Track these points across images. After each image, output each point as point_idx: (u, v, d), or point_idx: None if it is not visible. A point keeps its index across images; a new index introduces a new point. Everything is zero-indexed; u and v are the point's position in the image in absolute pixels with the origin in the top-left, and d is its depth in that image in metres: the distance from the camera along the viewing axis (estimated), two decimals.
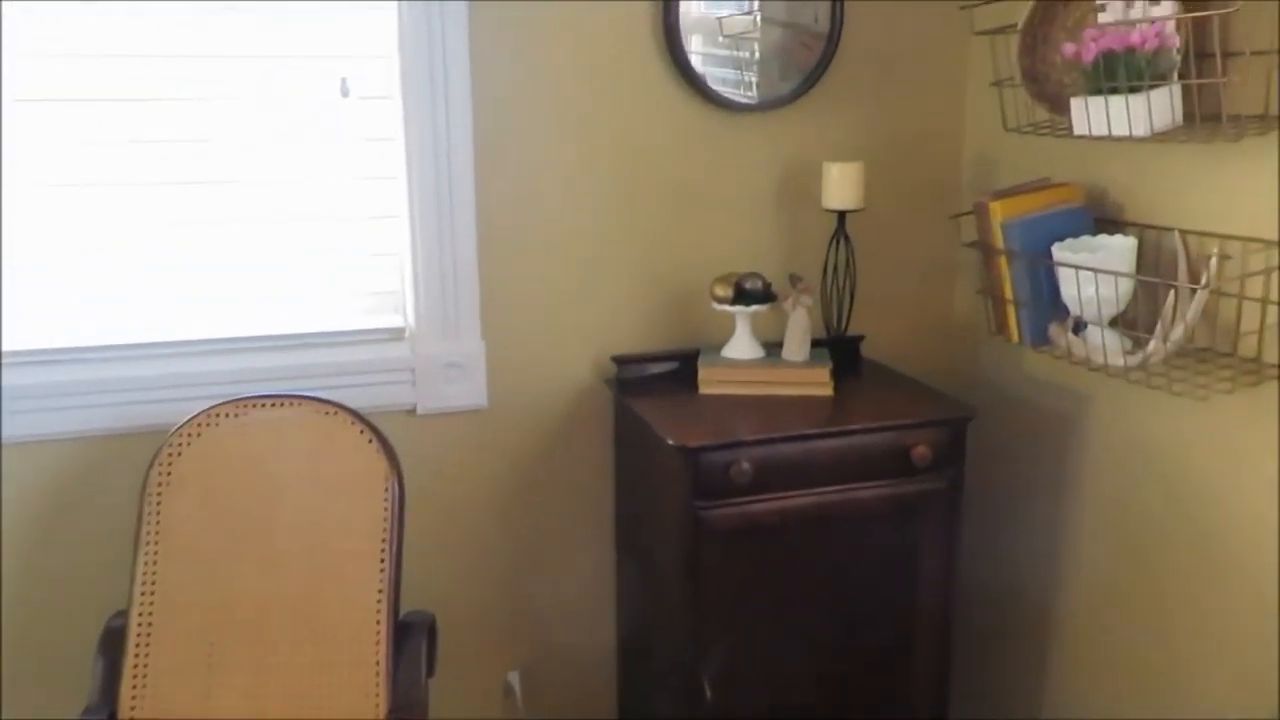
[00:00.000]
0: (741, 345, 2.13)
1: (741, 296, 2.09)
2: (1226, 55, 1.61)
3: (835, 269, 2.19)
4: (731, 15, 2.13)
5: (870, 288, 2.26)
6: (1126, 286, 1.79)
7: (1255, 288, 1.66)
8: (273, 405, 1.90)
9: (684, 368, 2.20)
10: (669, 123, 2.17)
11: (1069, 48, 1.73)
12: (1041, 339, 1.94)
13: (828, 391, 2.06)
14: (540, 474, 2.26)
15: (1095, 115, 1.71)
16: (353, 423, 1.88)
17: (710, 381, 2.09)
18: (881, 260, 2.30)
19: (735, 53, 2.15)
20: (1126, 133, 1.67)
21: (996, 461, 2.25)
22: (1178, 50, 1.66)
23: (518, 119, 2.10)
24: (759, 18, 2.15)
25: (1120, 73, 1.67)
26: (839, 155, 2.21)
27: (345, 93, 2.05)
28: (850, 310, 2.22)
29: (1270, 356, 1.65)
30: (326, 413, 1.89)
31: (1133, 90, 1.66)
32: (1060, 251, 1.82)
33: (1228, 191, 1.73)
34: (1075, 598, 2.13)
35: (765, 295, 2.10)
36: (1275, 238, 1.64)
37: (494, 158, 2.09)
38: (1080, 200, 1.98)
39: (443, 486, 2.19)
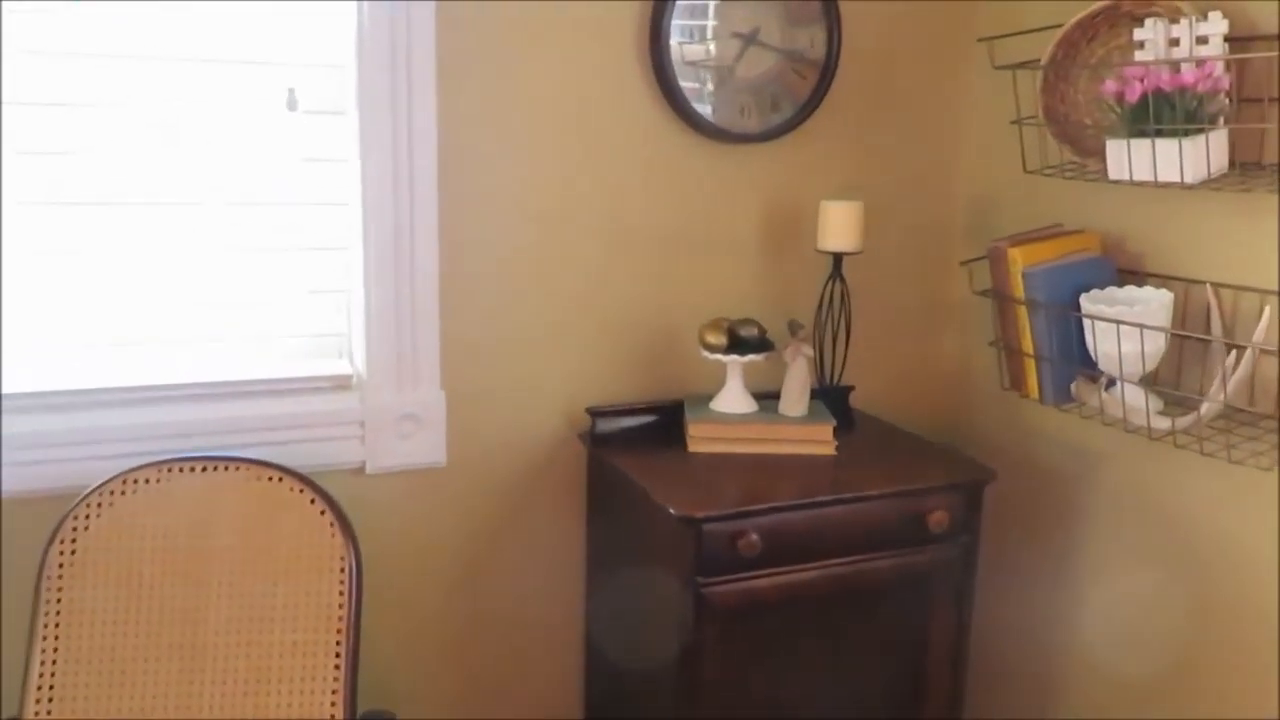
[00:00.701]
0: (734, 398, 1.93)
1: (736, 345, 1.90)
2: (1271, 100, 1.51)
3: (830, 315, 2.02)
4: (721, 39, 1.95)
5: (862, 335, 2.10)
6: (1159, 343, 1.66)
7: None
8: (202, 468, 1.61)
9: (664, 421, 1.99)
10: (655, 151, 1.97)
11: (1110, 85, 1.61)
12: (1064, 396, 1.80)
13: (830, 450, 1.88)
14: (505, 540, 2.01)
15: (1139, 159, 1.58)
16: (300, 489, 1.61)
17: (701, 438, 1.88)
18: (874, 306, 2.15)
19: (727, 79, 1.97)
20: (1177, 179, 1.54)
21: (1002, 525, 2.10)
22: (1226, 94, 1.55)
23: (488, 141, 1.87)
24: (752, 42, 1.96)
25: (1169, 114, 1.54)
26: (832, 192, 2.05)
27: (292, 106, 1.79)
28: (845, 359, 2.05)
29: None
30: (268, 477, 1.61)
31: (1181, 133, 1.53)
32: (1093, 304, 1.68)
33: (1264, 244, 1.63)
34: (1082, 668, 1.99)
35: (761, 343, 1.91)
36: None
37: (461, 183, 1.85)
38: (1097, 249, 1.86)
39: (395, 556, 1.92)
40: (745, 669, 1.72)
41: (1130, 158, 1.59)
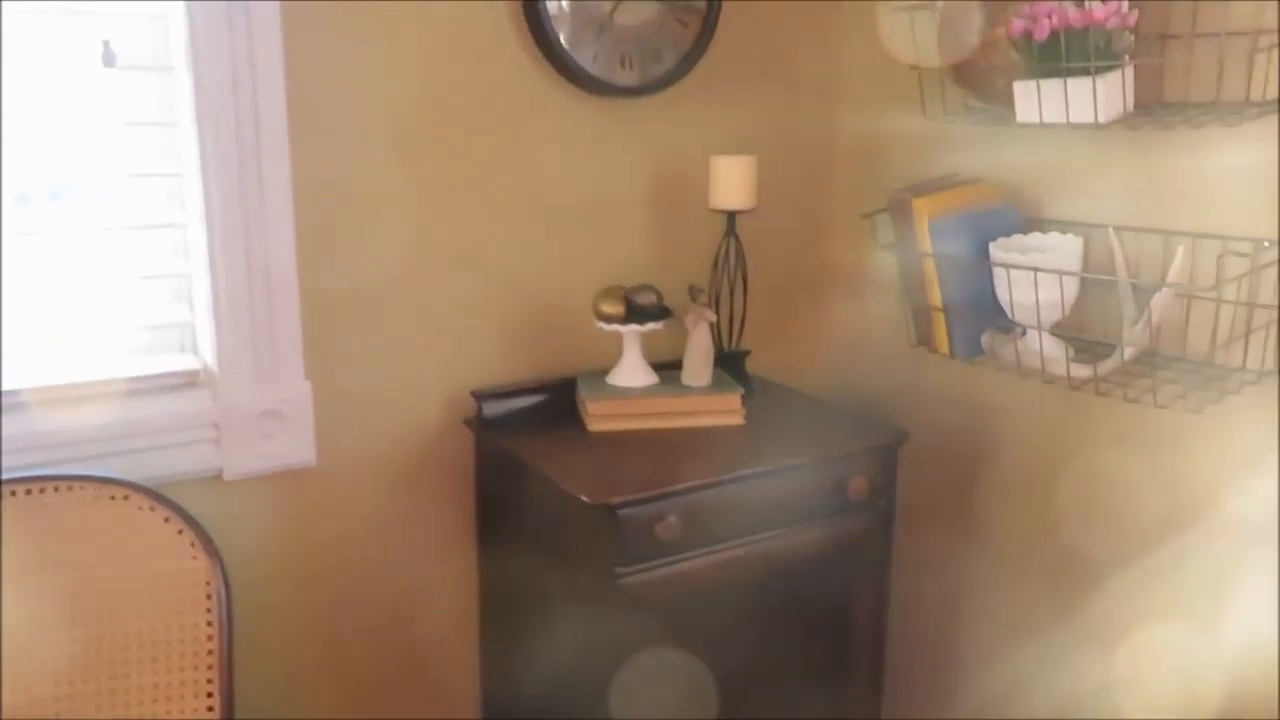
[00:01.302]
0: (633, 370, 1.79)
1: (633, 313, 1.76)
2: (1195, 37, 1.47)
3: (726, 276, 1.90)
4: None
5: (757, 296, 1.99)
6: (1072, 290, 1.62)
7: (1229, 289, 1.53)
8: (26, 490, 1.35)
9: (557, 400, 1.84)
10: (534, 108, 1.80)
11: (1018, 24, 1.54)
12: (975, 349, 1.75)
13: (739, 420, 1.77)
14: (389, 540, 1.82)
15: (1049, 100, 1.52)
16: (150, 506, 1.38)
17: (601, 416, 1.74)
18: (768, 266, 2.04)
19: (606, 28, 1.81)
20: (1091, 119, 1.49)
21: (914, 488, 2.03)
22: (1131, 31, 1.50)
23: (347, 104, 1.66)
24: None
25: (1080, 52, 1.48)
26: (722, 147, 1.92)
27: (109, 61, 1.52)
28: (744, 322, 1.94)
29: (1238, 361, 1.53)
30: (110, 495, 1.37)
31: (1088, 71, 1.48)
32: (1005, 254, 1.62)
33: (1165, 184, 1.60)
34: (1000, 633, 1.96)
35: (660, 311, 1.78)
36: (1242, 233, 1.51)
37: (317, 151, 1.64)
38: (998, 197, 1.81)
39: (266, 570, 1.70)
40: (669, 659, 1.59)
41: (1040, 99, 1.53)
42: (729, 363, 1.94)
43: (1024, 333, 1.66)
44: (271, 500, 1.71)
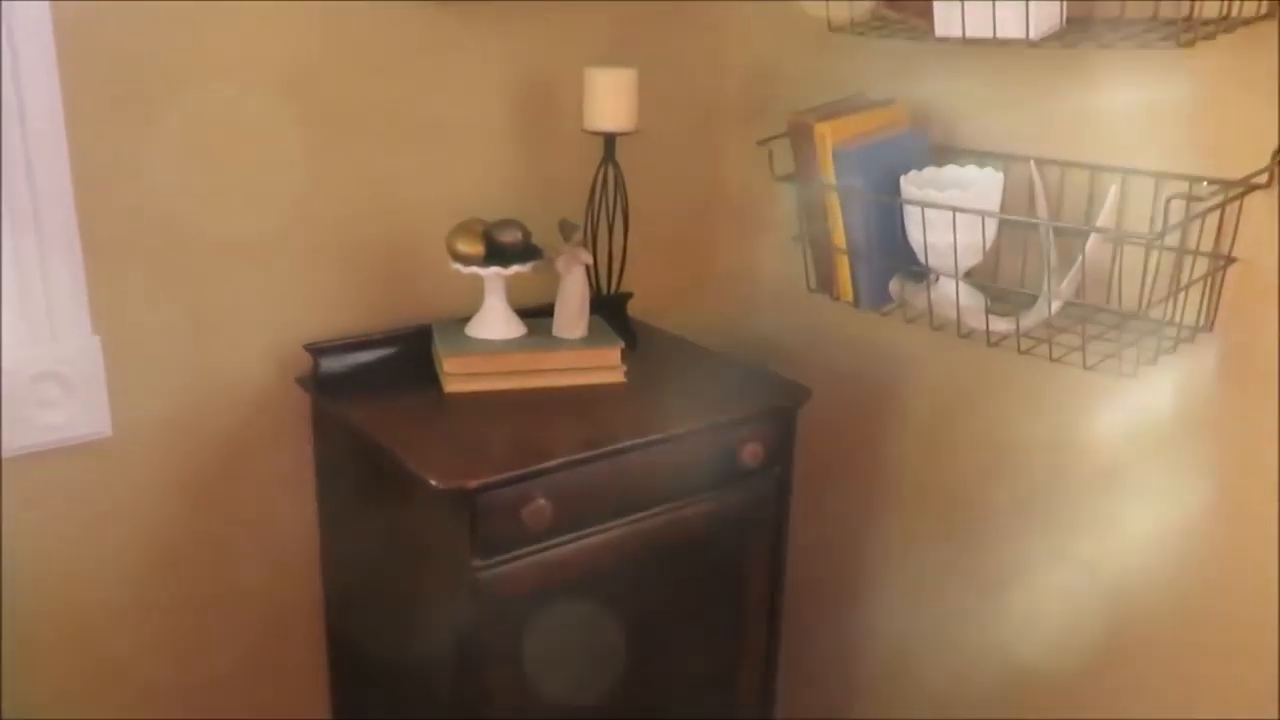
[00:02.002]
0: (496, 320, 1.55)
1: (495, 254, 1.51)
2: None
3: (604, 210, 1.66)
4: None
5: (638, 232, 1.76)
6: (992, 232, 1.44)
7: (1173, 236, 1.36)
8: None
9: (409, 353, 1.58)
10: (376, 11, 1.50)
11: None
12: (882, 297, 1.56)
13: (619, 378, 1.55)
14: (208, 521, 1.55)
15: (975, 12, 1.31)
16: None
17: (459, 375, 1.49)
18: (650, 197, 1.80)
19: None
20: (1020, 34, 1.29)
21: (810, 449, 1.85)
22: None
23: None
24: None
25: None
26: (597, 59, 1.67)
27: None
28: (624, 262, 1.71)
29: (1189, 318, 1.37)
30: None
31: None
32: (919, 189, 1.43)
33: (1099, 113, 1.43)
34: (901, 605, 1.82)
35: (526, 250, 1.53)
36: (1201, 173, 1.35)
37: (101, 62, 1.31)
38: (907, 122, 1.61)
39: (49, 568, 1.42)
40: (539, 656, 1.39)
41: (964, 10, 1.32)
42: (609, 308, 1.71)
43: (937, 279, 1.48)
44: (60, 480, 1.42)
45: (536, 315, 1.61)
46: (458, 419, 1.42)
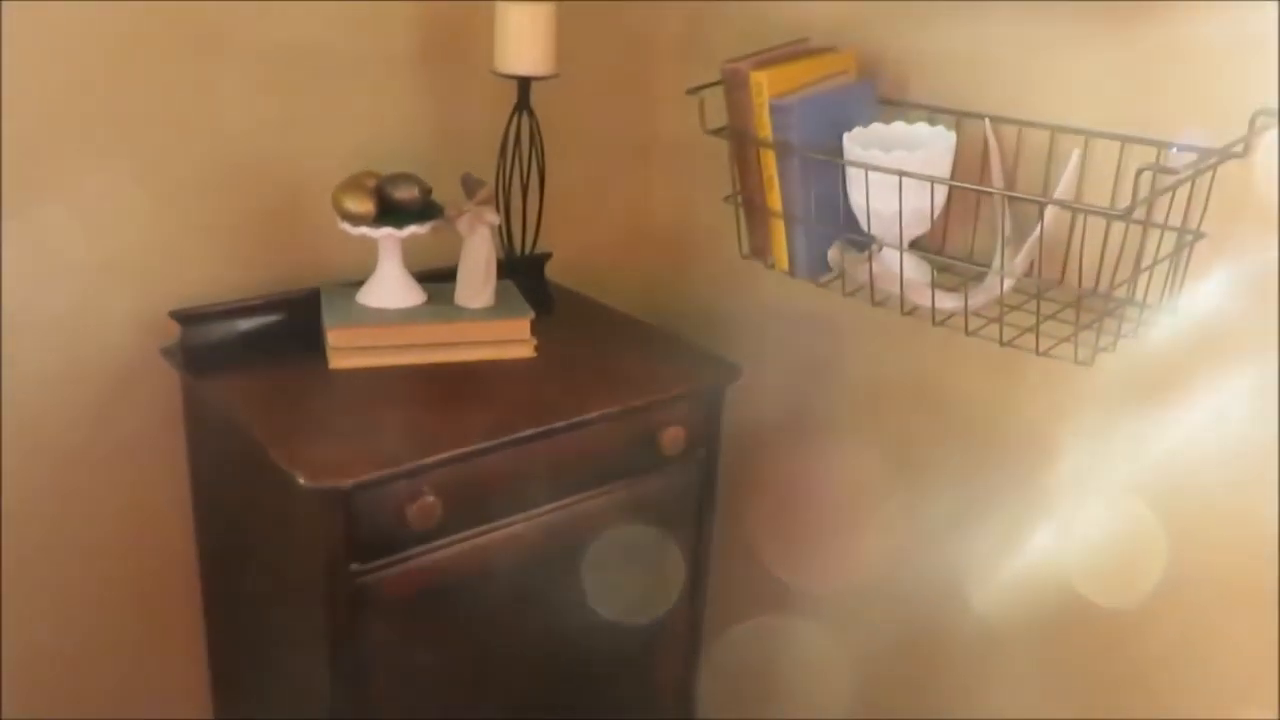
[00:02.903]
0: (391, 286, 1.38)
1: (388, 212, 1.34)
2: None
3: (518, 161, 1.49)
4: None
5: (556, 185, 1.60)
6: (941, 198, 1.30)
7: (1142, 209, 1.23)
8: None
9: (294, 320, 1.41)
10: None
11: None
12: (821, 266, 1.41)
13: (528, 352, 1.39)
14: (65, 512, 1.38)
15: None
16: None
17: (346, 349, 1.33)
18: (569, 147, 1.64)
19: None
20: None
21: (737, 429, 1.71)
22: None
23: None
24: None
25: None
26: None
27: None
28: (540, 221, 1.54)
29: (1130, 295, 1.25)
30: None
31: None
32: (863, 149, 1.27)
33: (1065, 67, 1.28)
34: (832, 608, 1.71)
35: (425, 209, 1.36)
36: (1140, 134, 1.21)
37: None
38: (854, 72, 1.45)
39: None
40: (428, 668, 1.25)
41: None
42: (523, 269, 1.55)
43: (880, 249, 1.34)
44: None
45: (440, 280, 1.44)
46: (341, 399, 1.27)
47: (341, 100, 1.43)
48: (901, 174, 1.22)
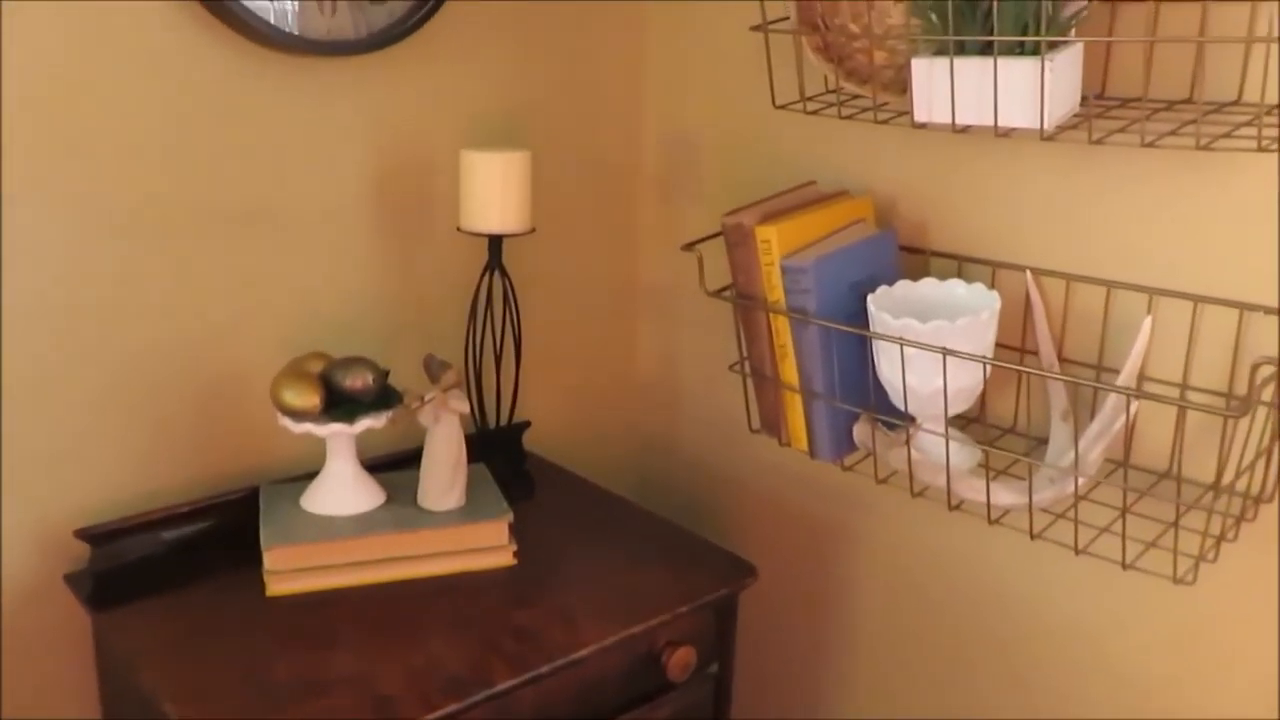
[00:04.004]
0: (341, 489, 1.17)
1: (338, 403, 1.13)
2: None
3: (490, 325, 1.30)
4: None
5: (535, 346, 1.41)
6: (988, 370, 1.11)
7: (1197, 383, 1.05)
8: None
9: (231, 524, 1.20)
10: (188, 75, 1.13)
11: None
12: (845, 446, 1.22)
13: (506, 560, 1.18)
14: None
15: (967, 91, 0.99)
16: None
17: (285, 572, 1.11)
18: (548, 302, 1.45)
19: None
20: (1034, 123, 0.96)
21: (748, 629, 1.50)
22: None
23: None
24: None
25: (1014, 17, 0.95)
26: (479, 135, 1.32)
27: None
28: (516, 388, 1.34)
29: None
30: None
31: (1023, 48, 0.96)
32: (892, 315, 1.09)
33: (1123, 210, 1.11)
34: None
35: (381, 397, 1.16)
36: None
37: None
38: (872, 218, 1.28)
39: None
40: None
41: (954, 89, 0.99)
42: (499, 445, 1.35)
43: (917, 431, 1.14)
44: None
45: (404, 465, 1.24)
46: (277, 639, 1.04)
47: (286, 263, 1.24)
48: (946, 352, 1.03)
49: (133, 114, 1.10)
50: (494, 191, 1.22)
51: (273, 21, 1.15)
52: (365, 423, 1.12)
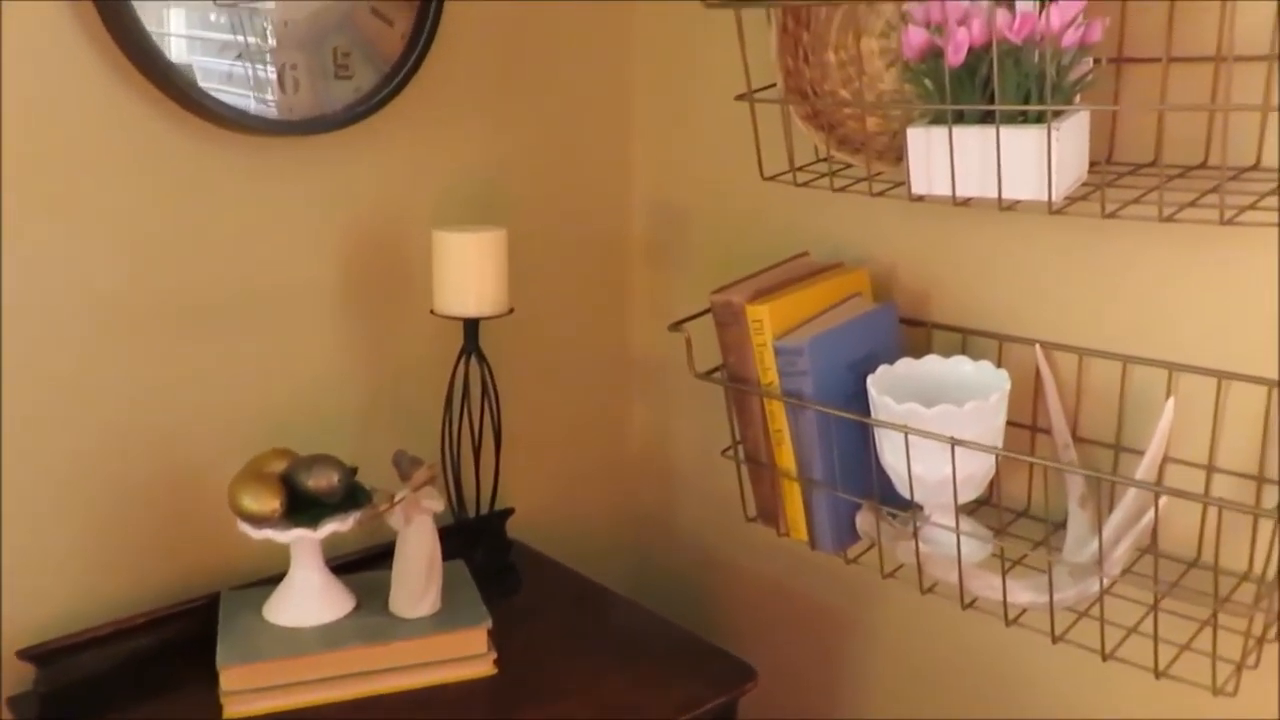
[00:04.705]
0: (306, 598, 1.08)
1: (302, 506, 1.05)
2: (1172, 61, 0.91)
3: (467, 412, 1.22)
4: None
5: (516, 428, 1.34)
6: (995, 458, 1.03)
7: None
8: None
9: (190, 635, 1.11)
10: (138, 161, 1.06)
11: (915, 36, 0.93)
12: (848, 536, 1.13)
13: (487, 668, 1.09)
14: None
15: (968, 161, 0.92)
16: None
17: (244, 693, 1.02)
18: (524, 381, 1.38)
19: (249, 23, 1.10)
20: (1040, 194, 0.90)
21: None
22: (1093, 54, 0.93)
23: None
24: None
25: (1018, 84, 0.89)
26: (453, 212, 1.25)
27: None
28: (496, 476, 1.27)
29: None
30: None
31: (1026, 116, 0.89)
32: (895, 399, 1.01)
33: (1138, 277, 1.04)
34: None
35: (348, 497, 1.08)
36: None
37: None
38: (869, 291, 1.21)
39: None
40: None
41: (954, 159, 0.92)
42: (480, 535, 1.28)
43: (926, 522, 1.06)
44: None
45: (375, 564, 1.16)
46: None
47: (249, 359, 1.17)
48: (955, 442, 0.95)
49: (87, 202, 1.04)
50: (469, 273, 1.16)
51: (233, 103, 1.10)
52: (330, 527, 1.04)
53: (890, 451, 1.04)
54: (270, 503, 1.02)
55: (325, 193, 1.19)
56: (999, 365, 1.07)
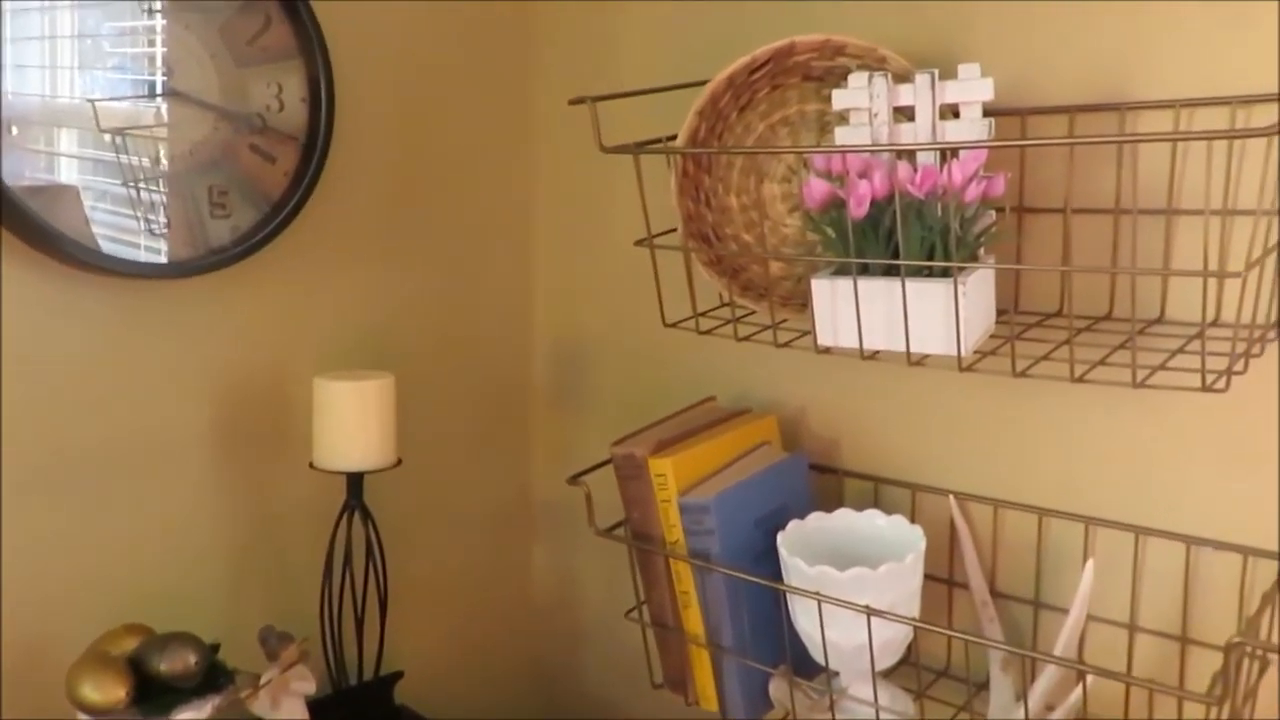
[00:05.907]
0: None
1: (153, 691, 0.93)
2: (1074, 212, 0.90)
3: (349, 575, 1.13)
4: (121, 97, 1.02)
5: (405, 585, 1.24)
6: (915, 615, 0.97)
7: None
8: None
9: None
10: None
11: (817, 188, 0.90)
12: (761, 704, 1.06)
13: None
14: None
15: (875, 312, 0.89)
16: None
17: None
18: (420, 533, 1.29)
19: (128, 162, 1.03)
20: (949, 349, 0.86)
21: None
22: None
23: None
24: (164, 104, 1.05)
25: (922, 238, 0.87)
26: (338, 357, 1.18)
27: None
28: (382, 639, 1.16)
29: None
30: None
31: (931, 271, 0.87)
32: (807, 562, 0.95)
33: (1056, 441, 1.02)
34: None
35: (208, 679, 0.96)
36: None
37: None
38: (778, 440, 1.16)
39: None
40: None
41: (859, 311, 0.89)
42: (363, 703, 1.16)
43: (843, 692, 0.99)
44: None
45: None
46: None
47: (108, 522, 1.06)
48: (870, 613, 0.89)
49: None
50: (351, 423, 1.08)
51: (94, 246, 1.02)
52: (185, 716, 0.93)
53: (803, 615, 0.97)
54: (114, 691, 0.90)
55: (196, 338, 1.11)
56: (913, 516, 1.03)
